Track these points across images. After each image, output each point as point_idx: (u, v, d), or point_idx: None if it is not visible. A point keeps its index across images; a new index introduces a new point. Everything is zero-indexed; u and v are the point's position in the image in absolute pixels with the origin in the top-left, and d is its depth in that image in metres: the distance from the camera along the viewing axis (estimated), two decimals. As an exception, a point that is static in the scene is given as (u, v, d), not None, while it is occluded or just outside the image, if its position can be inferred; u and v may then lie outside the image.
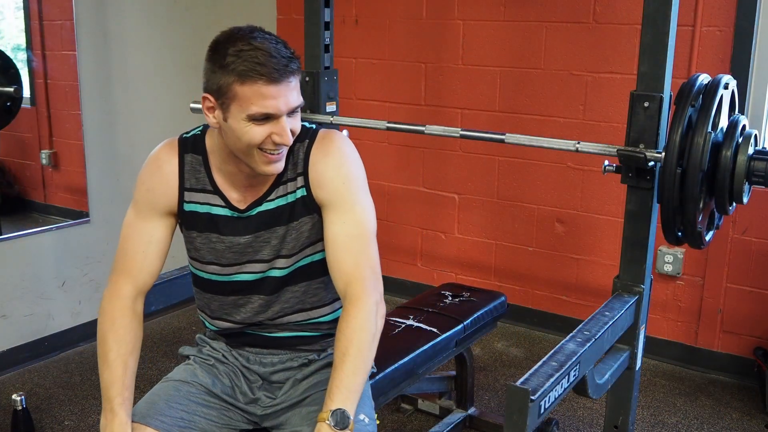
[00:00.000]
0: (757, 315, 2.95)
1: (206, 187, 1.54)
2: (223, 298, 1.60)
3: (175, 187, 1.55)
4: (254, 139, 1.40)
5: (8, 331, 2.96)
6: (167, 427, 1.49)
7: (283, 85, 1.37)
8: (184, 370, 1.64)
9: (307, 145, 1.53)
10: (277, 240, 1.54)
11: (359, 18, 3.65)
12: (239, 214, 1.54)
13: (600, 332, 1.75)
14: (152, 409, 1.52)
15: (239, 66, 1.36)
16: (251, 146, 1.41)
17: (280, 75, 1.36)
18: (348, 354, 1.40)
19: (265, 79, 1.35)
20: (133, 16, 3.24)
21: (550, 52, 3.19)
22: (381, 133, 3.59)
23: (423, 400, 2.70)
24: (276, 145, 1.42)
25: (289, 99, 1.39)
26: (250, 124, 1.39)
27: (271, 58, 1.36)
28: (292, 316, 1.60)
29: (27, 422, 2.46)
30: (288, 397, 1.61)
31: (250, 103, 1.37)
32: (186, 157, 1.55)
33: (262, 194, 1.53)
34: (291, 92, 1.39)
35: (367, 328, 1.43)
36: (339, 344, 1.42)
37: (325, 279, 1.58)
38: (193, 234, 1.56)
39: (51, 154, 3.20)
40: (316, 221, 1.54)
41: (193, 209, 1.55)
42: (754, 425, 2.69)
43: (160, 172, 1.55)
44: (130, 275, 1.54)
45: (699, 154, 1.76)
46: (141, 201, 1.57)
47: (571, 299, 3.36)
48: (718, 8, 2.83)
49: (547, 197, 3.32)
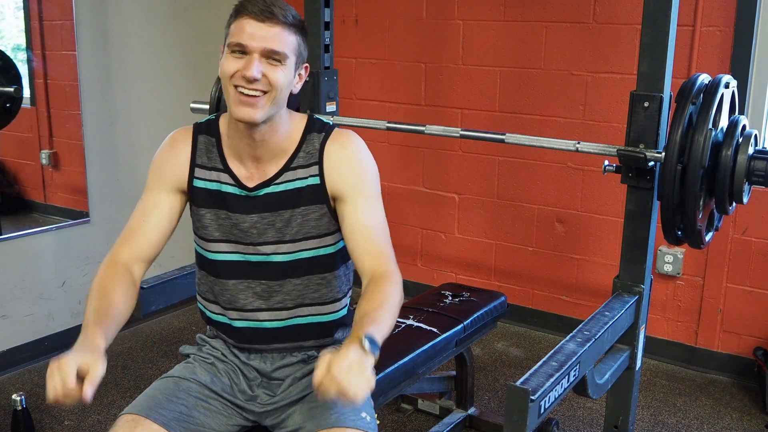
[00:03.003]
0: (757, 315, 2.95)
1: (217, 165, 1.58)
2: (225, 282, 1.60)
3: (187, 162, 1.60)
4: (227, 70, 1.46)
5: (8, 331, 2.96)
6: (166, 420, 1.50)
7: (265, 25, 1.45)
8: (183, 367, 1.66)
9: (323, 137, 1.58)
10: (281, 223, 1.56)
11: (359, 18, 3.65)
12: (247, 193, 1.57)
13: (600, 332, 1.75)
14: (152, 402, 1.53)
15: (238, 6, 1.48)
16: (226, 78, 1.47)
17: (264, 15, 1.44)
18: (385, 303, 1.43)
19: (249, 14, 1.45)
20: (133, 16, 3.24)
21: (550, 52, 3.19)
22: (381, 133, 3.59)
23: (423, 400, 2.70)
24: (244, 80, 1.45)
25: (267, 40, 1.45)
26: (229, 55, 1.47)
27: (264, 2, 1.45)
28: (292, 310, 1.60)
29: (27, 422, 2.46)
30: (288, 395, 1.61)
31: (232, 35, 1.47)
32: (200, 138, 1.61)
33: (271, 176, 1.56)
34: (271, 35, 1.45)
35: (399, 296, 1.48)
36: (373, 297, 1.44)
37: (328, 276, 1.60)
38: (202, 211, 1.59)
39: (51, 154, 3.20)
40: (324, 213, 1.56)
41: (203, 185, 1.59)
42: (754, 425, 2.69)
43: (173, 150, 1.61)
44: (128, 242, 1.57)
45: (699, 151, 1.76)
46: (152, 177, 1.62)
47: (571, 299, 3.36)
48: (718, 8, 2.83)
49: (547, 197, 3.32)
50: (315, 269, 1.60)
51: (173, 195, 1.60)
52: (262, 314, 1.61)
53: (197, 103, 2.67)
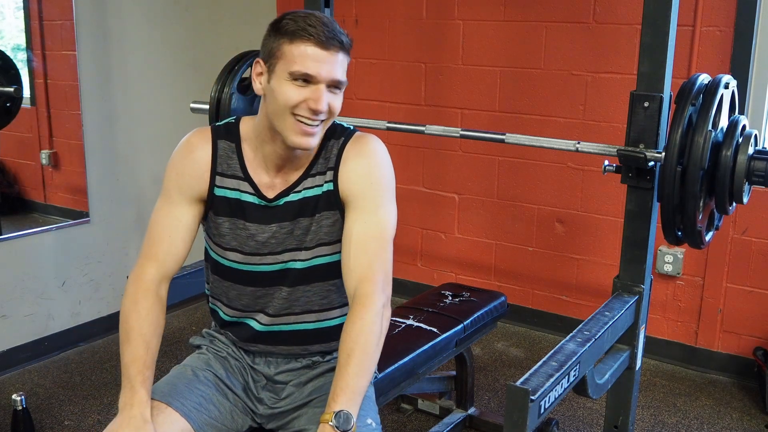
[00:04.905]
0: (757, 315, 2.95)
1: (237, 174, 1.54)
2: (242, 288, 1.59)
3: (208, 171, 1.54)
4: (291, 100, 1.41)
5: (8, 331, 2.96)
6: (186, 410, 1.50)
7: (330, 53, 1.40)
8: (198, 358, 1.65)
9: (342, 143, 1.55)
10: (300, 231, 1.54)
11: (359, 18, 3.65)
12: (267, 203, 1.54)
13: (600, 332, 1.75)
14: (174, 390, 1.53)
15: (292, 26, 1.41)
16: (287, 107, 1.42)
17: (328, 42, 1.40)
18: (353, 355, 1.39)
19: (314, 40, 1.39)
20: (133, 16, 3.24)
21: (550, 52, 3.19)
22: (381, 133, 3.55)
23: (423, 400, 2.70)
24: (310, 111, 1.42)
25: (332, 69, 1.41)
26: (291, 83, 1.41)
27: (324, 25, 1.40)
28: (300, 315, 1.60)
29: (27, 422, 2.46)
30: (293, 400, 1.61)
31: (294, 61, 1.40)
32: (219, 143, 1.55)
33: (291, 184, 1.54)
34: (336, 64, 1.42)
35: (373, 330, 1.42)
36: (344, 345, 1.42)
37: (338, 282, 1.58)
38: (220, 219, 1.56)
39: (51, 154, 3.20)
40: (337, 219, 1.54)
41: (223, 194, 1.55)
42: (754, 425, 2.69)
43: (192, 157, 1.55)
44: (156, 260, 1.53)
45: (699, 152, 1.76)
46: (170, 186, 1.55)
47: (571, 299, 3.36)
48: (718, 8, 2.83)
49: (547, 197, 3.32)
50: (327, 276, 1.58)
51: (195, 205, 1.55)
52: (271, 319, 1.60)
53: (197, 103, 2.66)
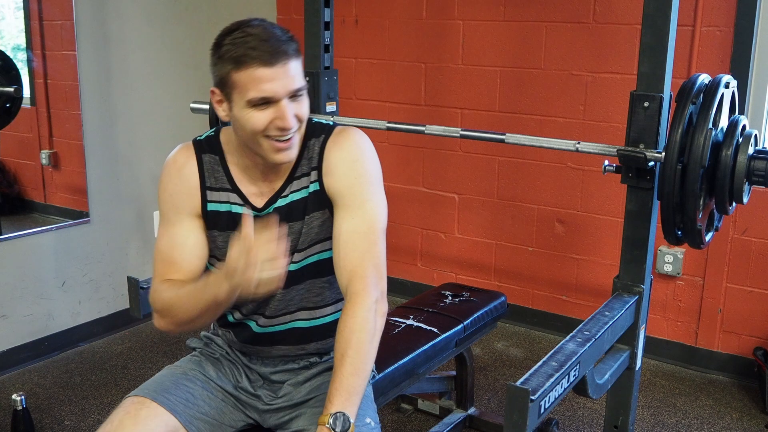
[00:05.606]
0: (757, 315, 2.95)
1: (225, 186, 1.53)
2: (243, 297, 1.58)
3: (197, 187, 1.53)
4: (257, 126, 1.38)
5: (8, 331, 2.96)
6: (172, 405, 1.50)
7: (279, 67, 1.36)
8: (190, 360, 1.66)
9: (323, 140, 1.53)
10: (294, 234, 1.53)
11: (359, 18, 3.65)
12: (257, 213, 1.53)
13: (600, 332, 1.75)
14: (158, 386, 1.53)
15: (233, 53, 1.36)
16: (256, 133, 1.40)
17: (274, 57, 1.35)
18: (347, 355, 1.38)
19: (258, 62, 1.34)
20: (133, 16, 3.24)
21: (550, 52, 3.19)
22: (381, 133, 3.58)
23: (423, 400, 2.70)
24: (280, 130, 1.40)
25: (287, 82, 1.37)
26: (251, 110, 1.38)
27: (264, 42, 1.35)
28: (295, 314, 1.60)
29: (27, 422, 2.46)
30: (290, 397, 1.61)
31: (247, 89, 1.36)
32: (204, 158, 1.54)
33: (277, 190, 1.53)
34: (288, 75, 1.37)
35: (366, 327, 1.41)
36: (338, 345, 1.41)
37: (330, 278, 1.58)
38: (215, 233, 1.55)
39: (51, 154, 3.20)
40: (326, 218, 1.53)
41: (215, 209, 1.54)
42: (754, 425, 2.69)
43: (180, 175, 1.53)
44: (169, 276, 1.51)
45: (699, 151, 1.76)
46: (166, 209, 1.54)
47: (571, 299, 3.36)
48: (718, 8, 2.83)
49: (547, 197, 3.32)
50: (319, 273, 1.58)
51: (194, 220, 1.53)
52: (268, 320, 1.60)
53: (197, 103, 2.67)
